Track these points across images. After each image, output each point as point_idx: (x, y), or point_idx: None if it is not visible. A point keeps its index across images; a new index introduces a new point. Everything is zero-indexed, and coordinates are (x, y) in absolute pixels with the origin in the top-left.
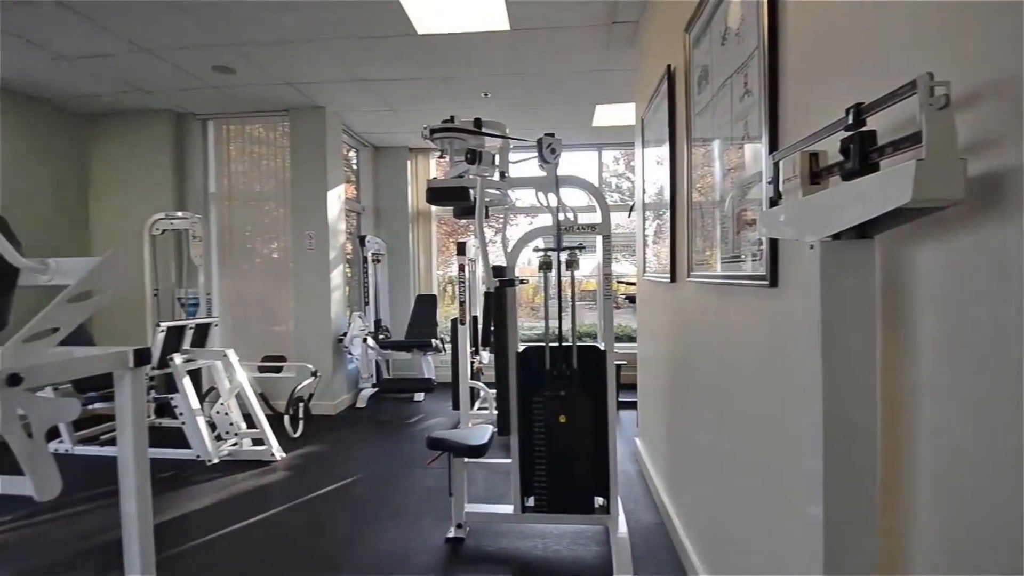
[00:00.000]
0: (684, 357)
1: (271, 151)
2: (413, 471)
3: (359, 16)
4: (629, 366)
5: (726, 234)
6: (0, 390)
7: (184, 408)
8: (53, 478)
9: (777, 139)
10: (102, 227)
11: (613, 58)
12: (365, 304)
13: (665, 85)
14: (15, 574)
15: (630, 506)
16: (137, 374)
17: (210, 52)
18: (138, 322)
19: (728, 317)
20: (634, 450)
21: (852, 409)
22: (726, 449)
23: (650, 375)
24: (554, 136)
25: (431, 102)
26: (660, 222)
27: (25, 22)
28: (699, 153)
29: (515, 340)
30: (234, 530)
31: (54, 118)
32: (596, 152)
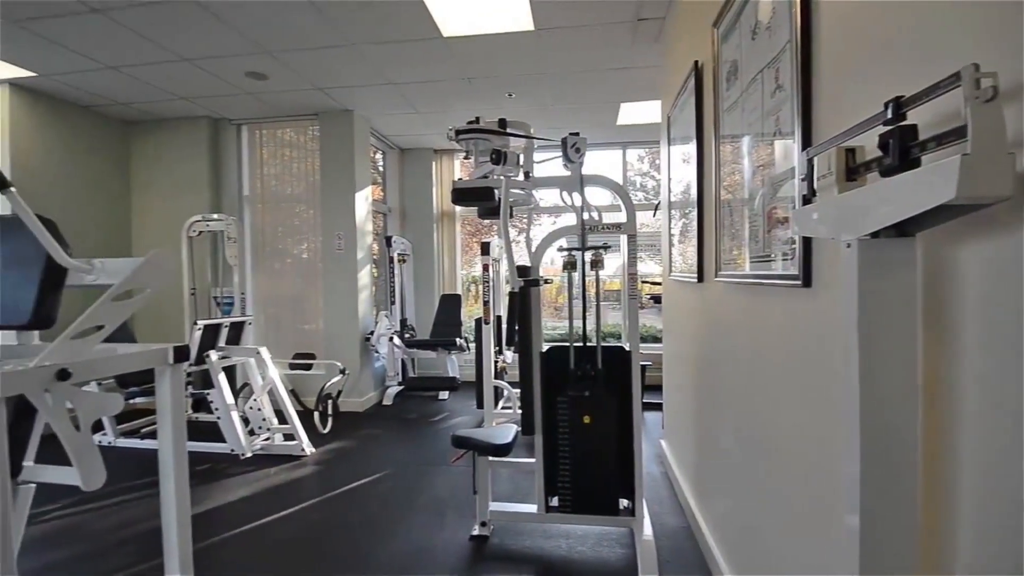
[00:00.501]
0: (712, 358)
1: (301, 154)
2: (438, 468)
3: (387, 21)
4: (654, 367)
5: (756, 233)
6: (50, 384)
7: (219, 403)
8: (98, 469)
9: (810, 135)
10: (142, 228)
11: (638, 56)
12: (391, 303)
13: (692, 81)
14: (63, 559)
15: (655, 508)
16: (176, 370)
17: (244, 59)
18: (176, 320)
19: (758, 318)
20: (659, 452)
21: (892, 414)
22: (756, 453)
23: (676, 376)
24: (579, 135)
25: (456, 103)
26: (686, 221)
27: (71, 33)
28: (727, 150)
29: (539, 340)
30: (266, 522)
31: (98, 124)
32: (620, 151)
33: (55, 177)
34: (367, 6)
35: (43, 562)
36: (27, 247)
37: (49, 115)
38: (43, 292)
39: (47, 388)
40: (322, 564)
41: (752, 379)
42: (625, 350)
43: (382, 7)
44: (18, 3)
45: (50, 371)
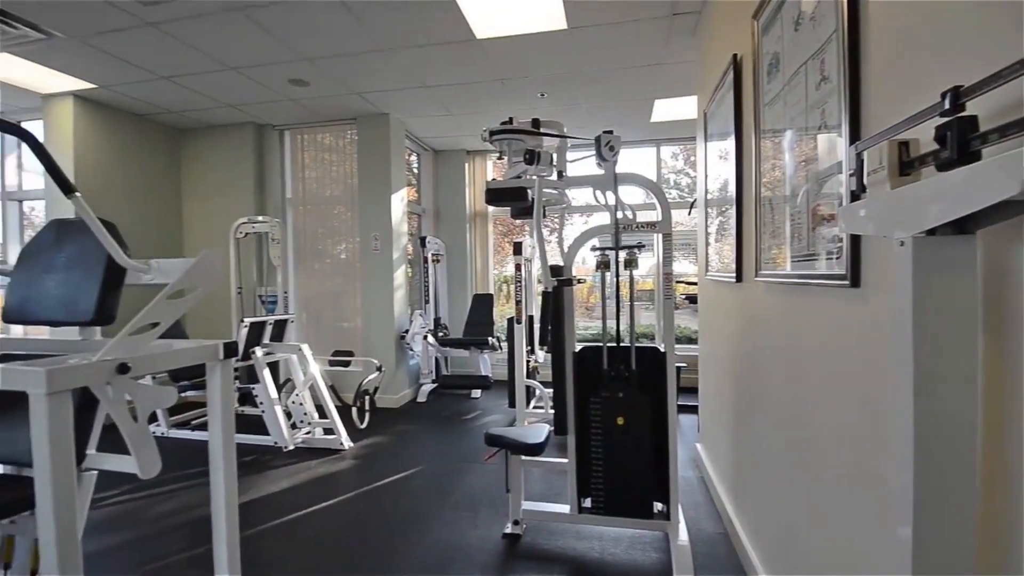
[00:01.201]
0: (751, 361)
1: (340, 158)
2: (471, 466)
3: (422, 25)
4: (689, 368)
5: (799, 231)
6: (112, 378)
7: (264, 398)
8: (154, 458)
9: (859, 128)
10: (192, 230)
11: (673, 51)
12: (425, 303)
13: (730, 75)
14: (121, 542)
15: (691, 513)
16: (226, 365)
17: (287, 67)
18: (224, 318)
19: (801, 319)
20: (695, 456)
21: (948, 421)
22: (799, 459)
23: (713, 379)
24: (612, 133)
25: (488, 105)
26: (723, 219)
27: (128, 46)
28: (768, 145)
29: (572, 340)
30: (308, 513)
31: (152, 132)
32: (654, 148)
33: (113, 182)
34: (404, 11)
35: (104, 545)
36: (90, 248)
37: (108, 124)
38: (105, 291)
39: (109, 381)
40: (361, 555)
41: (795, 383)
42: (660, 351)
43: (418, 12)
44: (81, 20)
45: (111, 365)
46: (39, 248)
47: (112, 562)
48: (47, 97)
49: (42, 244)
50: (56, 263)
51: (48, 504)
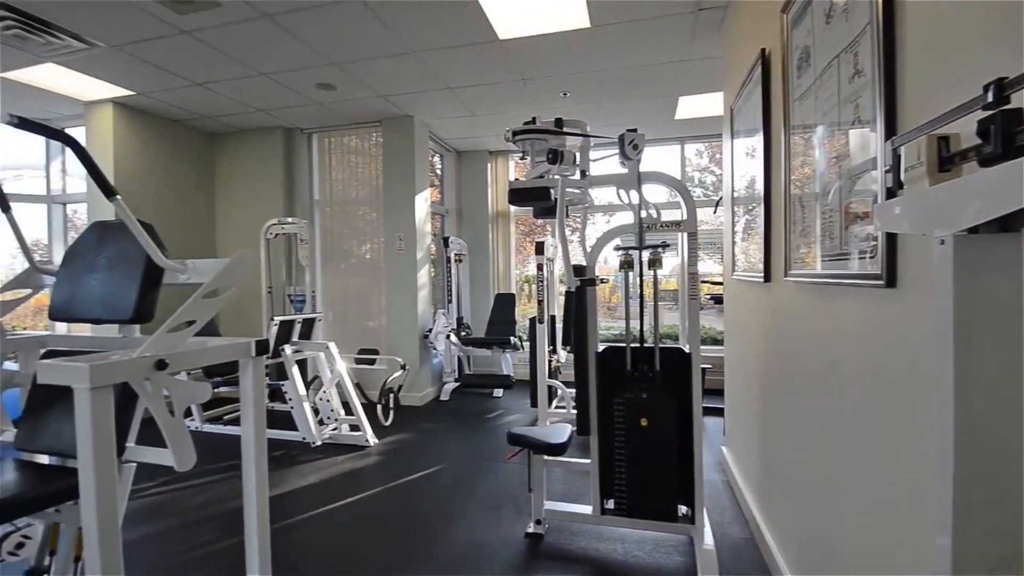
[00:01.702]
0: (780, 363)
1: (365, 160)
2: (494, 464)
3: (446, 27)
4: (714, 370)
5: (830, 229)
6: (150, 373)
7: (293, 394)
8: (190, 451)
9: (895, 122)
10: (225, 231)
11: (698, 47)
12: (448, 302)
13: (759, 71)
14: (158, 532)
15: (716, 517)
16: (258, 362)
17: (315, 72)
18: (255, 316)
19: (833, 320)
20: (720, 459)
21: (990, 427)
22: (830, 463)
23: (739, 381)
24: (636, 131)
25: (511, 105)
26: (750, 217)
27: (164, 54)
28: (798, 141)
29: (595, 340)
30: (334, 507)
31: (186, 137)
32: (679, 146)
33: (150, 185)
34: (428, 14)
35: (141, 534)
36: (130, 249)
37: (146, 129)
38: (144, 290)
39: (148, 377)
40: (386, 551)
41: (825, 385)
42: (685, 352)
43: (442, 14)
44: (120, 29)
45: (150, 361)
46: (82, 249)
47: (150, 550)
48: (88, 104)
49: (85, 245)
50: (98, 263)
51: (91, 494)
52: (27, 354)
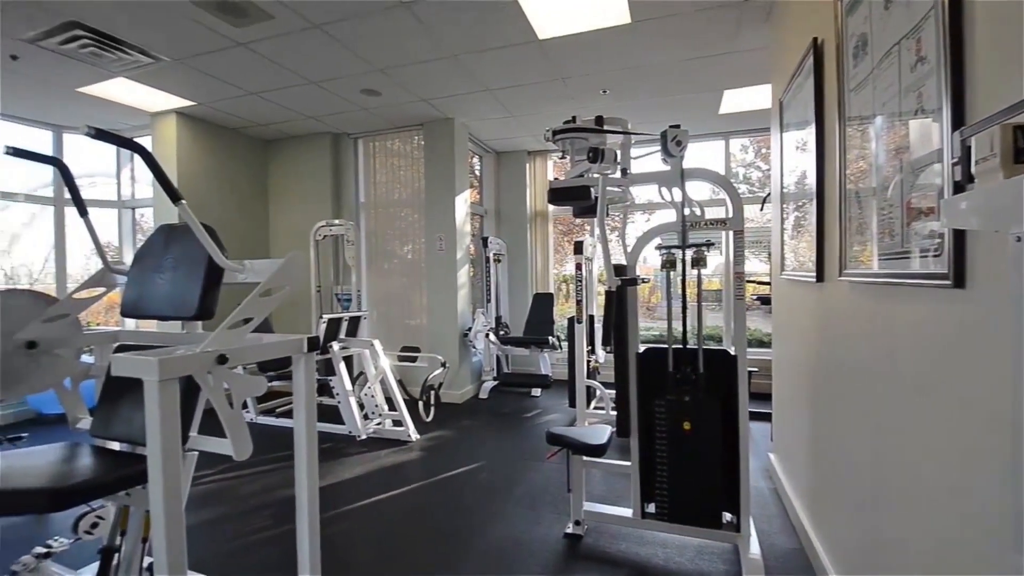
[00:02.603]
0: (833, 367)
1: (407, 162)
2: (533, 463)
3: (486, 30)
4: (760, 373)
5: (889, 226)
6: (212, 367)
7: (340, 389)
8: (247, 442)
9: (963, 112)
10: (277, 232)
11: (744, 38)
12: (487, 301)
13: (810, 61)
14: (216, 517)
15: (763, 526)
16: (310, 358)
17: (361, 78)
18: (304, 314)
19: (892, 322)
20: (767, 466)
21: None
22: (888, 475)
23: (788, 385)
24: (679, 127)
25: (549, 105)
26: (800, 214)
27: (222, 66)
28: (854, 134)
29: (635, 340)
30: (378, 500)
31: (242, 143)
32: (722, 141)
33: (210, 189)
34: (469, 18)
35: (201, 519)
36: (193, 250)
37: (206, 137)
38: (206, 289)
39: (210, 371)
40: (427, 544)
41: (884, 390)
42: (730, 354)
43: (483, 17)
44: (183, 44)
45: (212, 356)
46: (150, 251)
47: (209, 535)
48: (154, 115)
49: (153, 247)
50: (164, 264)
51: (158, 479)
52: (101, 348)
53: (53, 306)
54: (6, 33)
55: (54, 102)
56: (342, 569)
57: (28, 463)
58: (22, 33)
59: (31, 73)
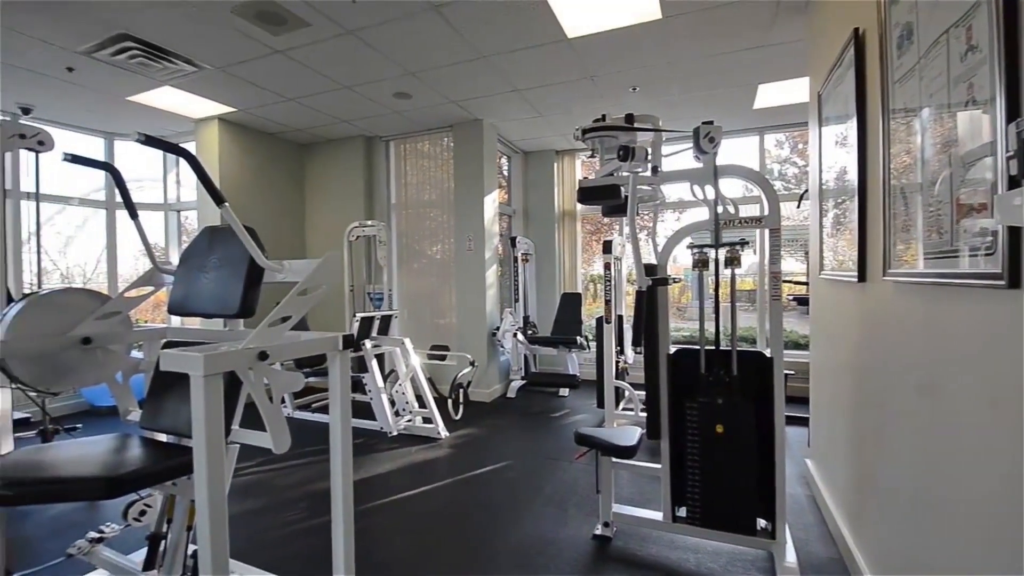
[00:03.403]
0: (876, 371)
1: (437, 164)
2: (560, 463)
3: (515, 30)
4: (795, 376)
5: (937, 223)
6: (253, 363)
7: (372, 386)
8: (286, 435)
9: (1019, 103)
10: (313, 233)
11: (779, 31)
12: (515, 301)
13: (851, 52)
14: (255, 508)
15: (799, 534)
16: (344, 355)
17: (393, 82)
18: (338, 313)
19: (939, 324)
20: (804, 472)
21: None
22: (935, 484)
23: (827, 388)
24: (712, 123)
25: (578, 104)
26: (839, 212)
27: (261, 73)
28: (898, 127)
29: (666, 341)
30: (409, 495)
31: (280, 148)
32: (757, 137)
33: (249, 192)
34: (498, 19)
35: (241, 509)
36: (235, 251)
37: (246, 142)
38: (247, 288)
39: (251, 366)
40: (456, 540)
41: (931, 396)
42: (765, 356)
43: (511, 18)
44: (224, 52)
45: (254, 352)
46: (195, 251)
47: (248, 524)
48: (198, 121)
49: (198, 248)
50: (209, 264)
51: (203, 470)
52: (150, 344)
53: (106, 304)
54: (63, 46)
55: (106, 111)
56: (374, 563)
57: (84, 452)
58: (77, 46)
59: (85, 83)
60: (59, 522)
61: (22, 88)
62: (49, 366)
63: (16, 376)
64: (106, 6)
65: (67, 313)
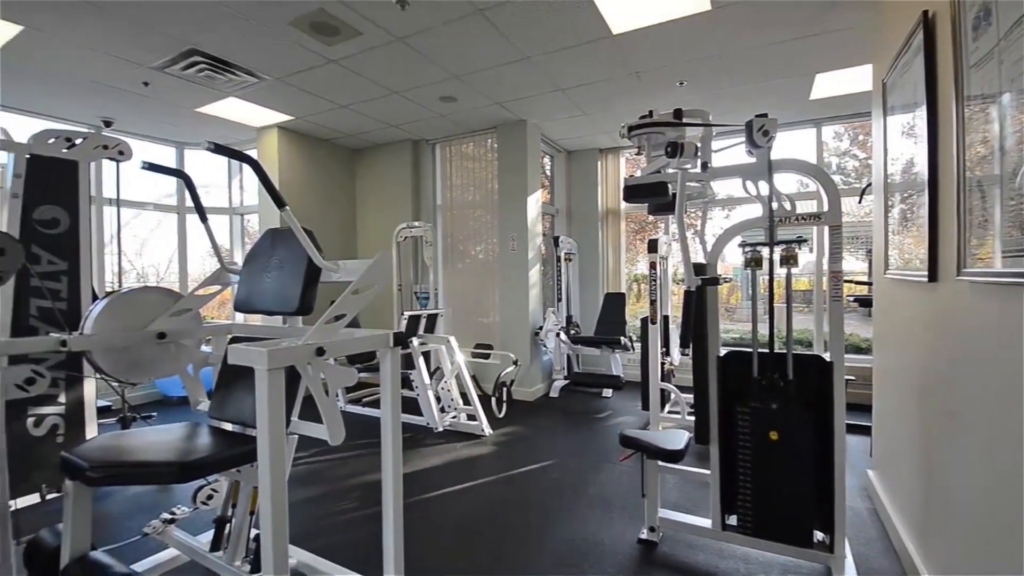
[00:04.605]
0: (948, 377)
1: (480, 165)
2: (604, 465)
3: (559, 29)
4: (856, 382)
5: (1018, 219)
6: (312, 359)
7: (419, 382)
8: (341, 428)
9: None
10: (364, 234)
11: (839, 17)
12: (558, 301)
13: (920, 36)
14: (310, 497)
15: (860, 549)
16: (395, 352)
17: (439, 86)
18: (387, 311)
19: (1021, 328)
20: (865, 483)
21: None
22: (1015, 502)
23: (893, 395)
24: (767, 116)
25: (622, 101)
26: (906, 207)
27: (316, 82)
28: (974, 115)
29: (716, 343)
30: (454, 490)
31: (333, 153)
32: (813, 129)
33: (306, 195)
34: (542, 18)
35: (299, 497)
36: (295, 252)
37: (302, 148)
38: (306, 287)
39: (310, 361)
40: (499, 538)
41: (1013, 406)
42: (824, 360)
43: (556, 16)
44: (282, 63)
45: (312, 348)
46: (258, 252)
47: (304, 511)
48: (259, 130)
49: (261, 249)
50: (271, 264)
51: (266, 458)
52: (217, 339)
53: (179, 302)
54: (139, 63)
55: (177, 121)
56: (421, 555)
57: (159, 439)
58: (152, 61)
59: (158, 97)
60: (136, 503)
61: (104, 102)
62: (129, 359)
63: (100, 367)
64: (176, 22)
65: (145, 310)
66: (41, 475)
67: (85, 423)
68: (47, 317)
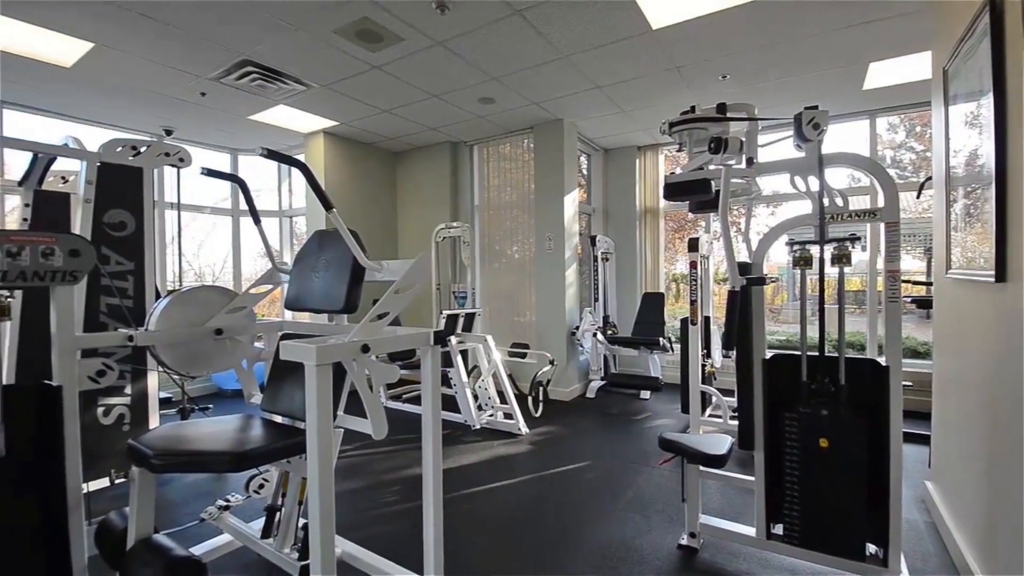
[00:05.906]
0: (1019, 385)
1: (517, 165)
2: (642, 468)
3: (597, 26)
4: (913, 388)
5: None
6: (357, 355)
7: (457, 380)
8: (384, 423)
9: None
10: (404, 235)
11: (893, 0)
12: (595, 300)
13: (986, 19)
14: (354, 489)
15: (916, 563)
16: (436, 350)
17: (477, 88)
18: (426, 310)
19: None
20: (922, 495)
21: None
22: None
23: (954, 403)
24: (817, 108)
25: (661, 97)
26: (970, 202)
27: (360, 88)
28: None
29: (762, 345)
30: (491, 488)
31: (375, 156)
32: (867, 120)
33: (350, 198)
34: (580, 16)
35: (343, 488)
36: (341, 252)
37: (346, 152)
38: (351, 286)
39: (355, 358)
40: (536, 538)
41: None
42: (880, 365)
43: (594, 14)
44: (327, 71)
45: (358, 345)
46: (307, 253)
47: (348, 503)
48: (306, 135)
49: (309, 250)
50: (318, 265)
51: (315, 450)
52: (269, 335)
53: (234, 300)
54: (197, 74)
55: (231, 129)
56: (459, 550)
57: (216, 430)
58: (208, 73)
59: (214, 106)
60: (193, 489)
61: (166, 112)
62: (189, 353)
63: (163, 361)
64: (231, 35)
65: (203, 308)
66: (109, 461)
67: (148, 413)
68: (115, 314)
